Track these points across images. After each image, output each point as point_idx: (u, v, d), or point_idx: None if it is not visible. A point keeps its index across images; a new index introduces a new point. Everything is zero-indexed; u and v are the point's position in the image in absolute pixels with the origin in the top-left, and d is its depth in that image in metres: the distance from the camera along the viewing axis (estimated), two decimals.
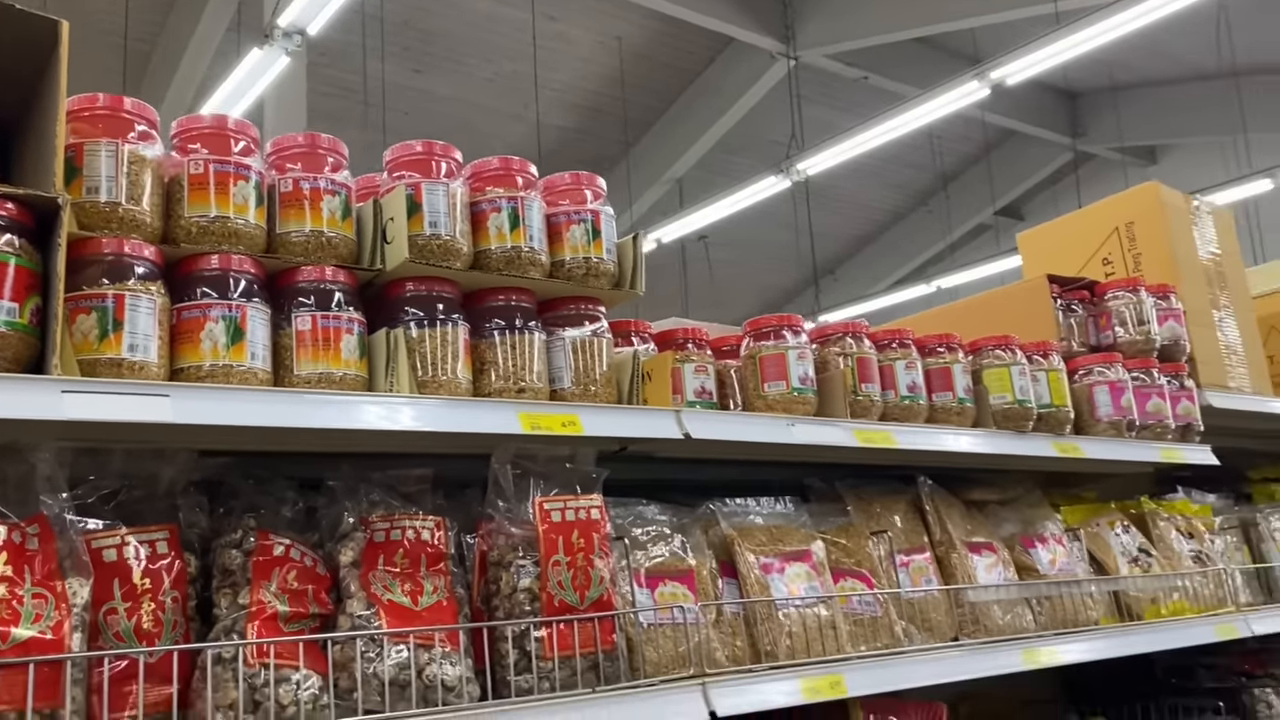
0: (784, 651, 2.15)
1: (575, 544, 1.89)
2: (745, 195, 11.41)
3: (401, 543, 1.84)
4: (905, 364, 2.58)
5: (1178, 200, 3.58)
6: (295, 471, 1.93)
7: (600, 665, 1.87)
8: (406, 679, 1.67)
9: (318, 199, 1.89)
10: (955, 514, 2.73)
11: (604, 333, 2.17)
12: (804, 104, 15.43)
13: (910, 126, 10.45)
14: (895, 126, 10.40)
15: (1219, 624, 3.06)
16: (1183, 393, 3.23)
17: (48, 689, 1.39)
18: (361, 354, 1.85)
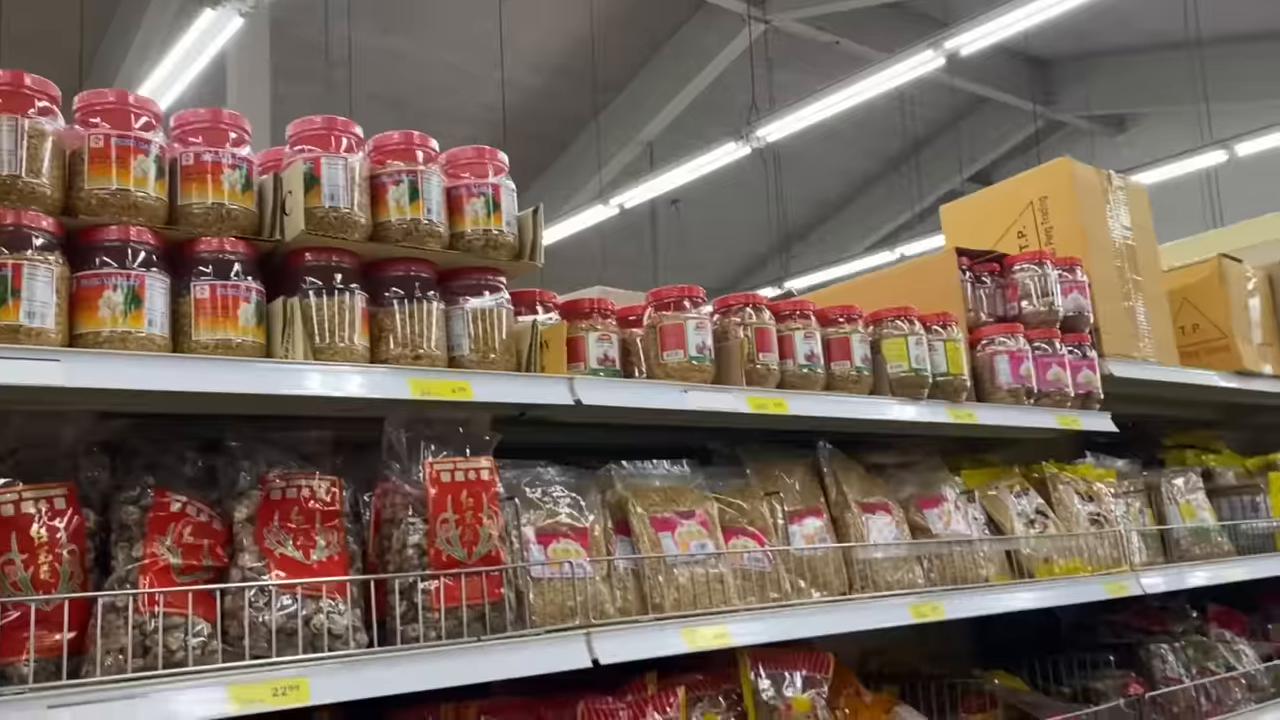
0: (670, 604, 2.28)
1: (464, 503, 2.00)
2: (705, 161, 11.45)
3: (297, 500, 1.94)
4: (804, 334, 2.69)
5: (1091, 177, 3.70)
6: (199, 433, 2.03)
7: (487, 616, 1.99)
8: (294, 627, 1.78)
9: (219, 172, 1.97)
10: (853, 477, 2.86)
11: (504, 302, 2.27)
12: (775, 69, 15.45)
13: (870, 93, 10.51)
14: (855, 93, 10.47)
15: (1109, 582, 3.22)
16: (1084, 362, 3.36)
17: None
18: (259, 321, 1.95)
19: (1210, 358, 4.04)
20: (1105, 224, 3.66)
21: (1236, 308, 4.07)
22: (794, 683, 2.46)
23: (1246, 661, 3.81)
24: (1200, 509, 3.87)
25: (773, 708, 2.41)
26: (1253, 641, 4.05)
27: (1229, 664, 3.74)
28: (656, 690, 2.30)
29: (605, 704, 2.19)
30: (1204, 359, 4.06)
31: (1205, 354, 4.06)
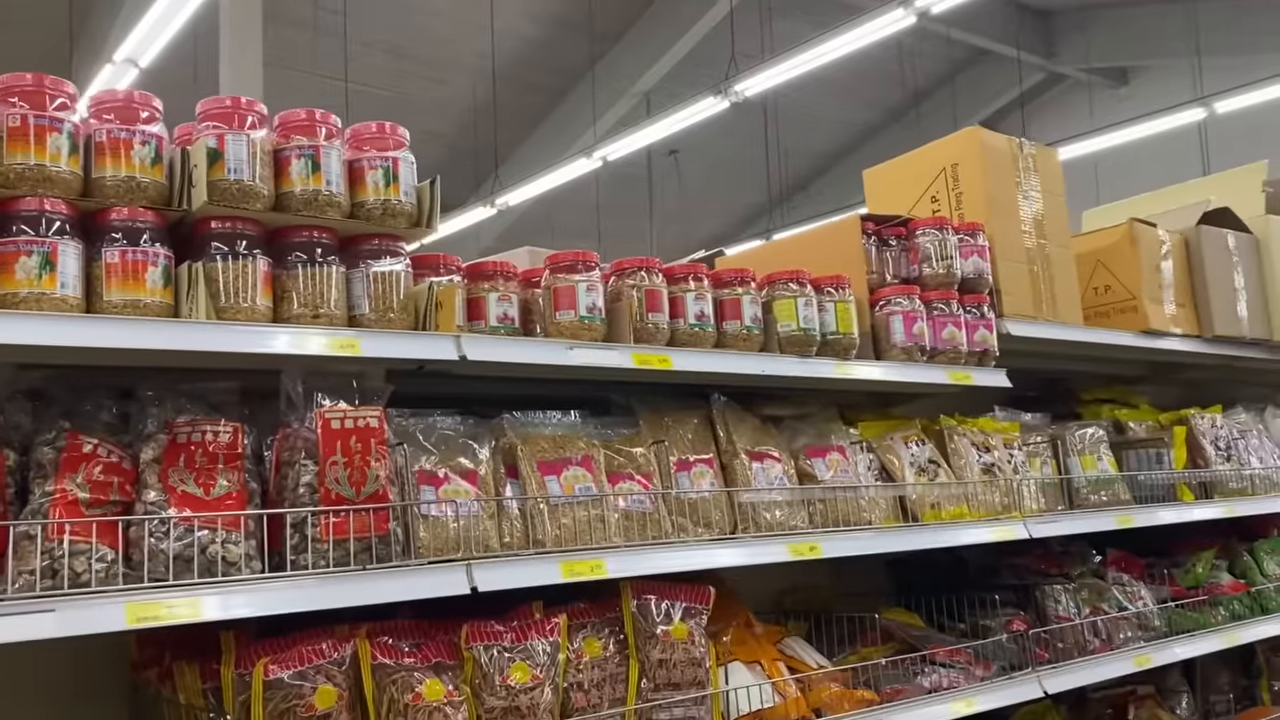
0: (552, 540, 2.53)
1: (352, 447, 2.24)
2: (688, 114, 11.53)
3: (202, 444, 2.19)
4: (695, 295, 2.91)
5: (1002, 145, 3.88)
6: (118, 383, 2.27)
7: (374, 548, 2.24)
8: (191, 555, 2.03)
9: (129, 148, 2.19)
10: (746, 428, 3.09)
11: (403, 266, 2.49)
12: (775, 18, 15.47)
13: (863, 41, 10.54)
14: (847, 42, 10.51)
15: (996, 528, 3.46)
16: (981, 321, 3.57)
17: None
18: (167, 284, 2.17)
19: (1120, 318, 4.25)
20: (1013, 190, 3.85)
21: (1147, 270, 4.26)
22: (672, 612, 2.71)
23: (1140, 604, 4.07)
24: (1101, 460, 4.09)
25: (650, 634, 2.66)
26: (1154, 585, 4.30)
27: (1121, 605, 3.99)
28: (542, 617, 2.55)
29: (489, 627, 2.44)
30: (1114, 319, 4.26)
31: (1115, 314, 4.26)
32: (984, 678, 3.37)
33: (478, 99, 17.70)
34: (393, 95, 17.45)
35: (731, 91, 11.19)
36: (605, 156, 12.77)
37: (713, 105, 11.35)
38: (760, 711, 2.83)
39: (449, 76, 17.57)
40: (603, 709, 2.56)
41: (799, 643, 3.21)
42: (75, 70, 11.56)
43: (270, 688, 2.10)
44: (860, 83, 19.30)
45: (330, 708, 2.16)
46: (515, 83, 18.35)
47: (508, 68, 17.48)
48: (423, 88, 17.62)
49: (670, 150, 20.18)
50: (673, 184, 20.99)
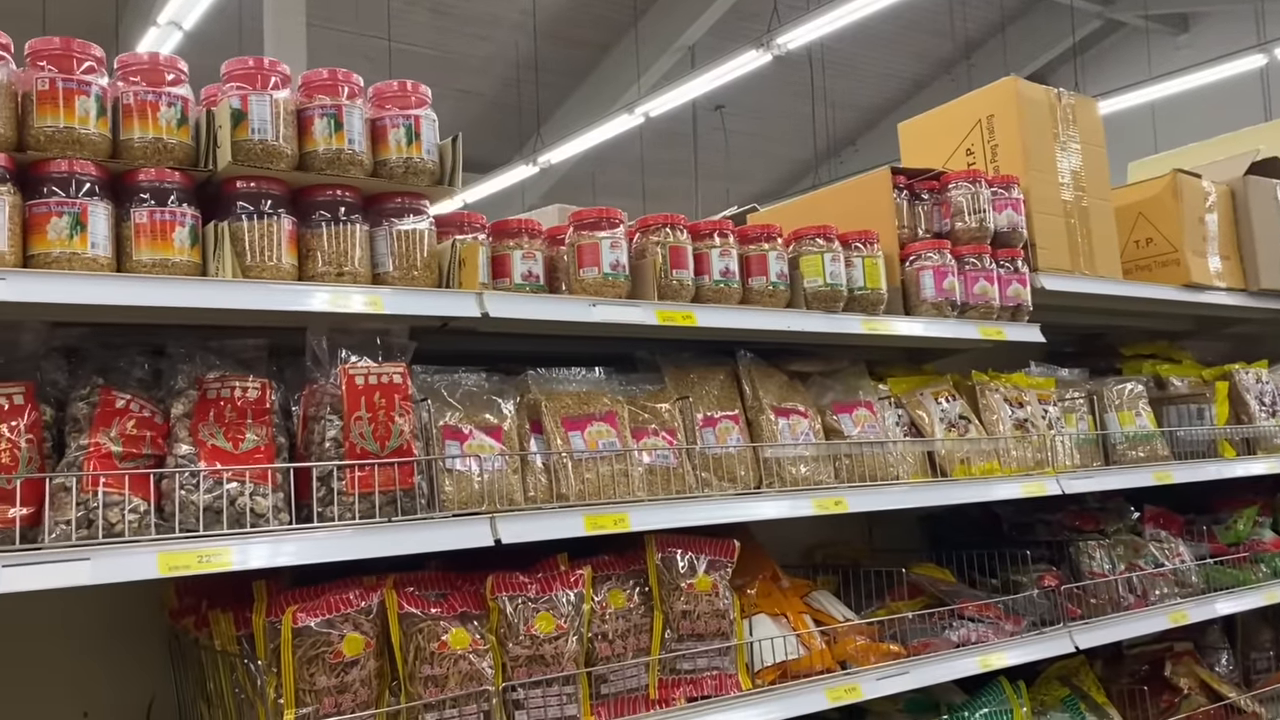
0: (575, 494, 2.56)
1: (376, 403, 2.29)
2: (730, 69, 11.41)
3: (231, 399, 2.24)
4: (720, 252, 2.91)
5: (1039, 95, 3.81)
6: (151, 341, 2.33)
7: (399, 501, 2.29)
8: (220, 506, 2.09)
9: (155, 110, 2.23)
10: (772, 384, 3.10)
11: (426, 224, 2.51)
12: None
13: None
14: None
15: (1027, 483, 3.44)
16: (1015, 276, 3.53)
17: None
18: (194, 243, 2.22)
19: (1161, 271, 4.17)
20: (1050, 142, 3.78)
21: (1190, 222, 4.17)
22: (697, 565, 2.74)
23: (1178, 560, 4.03)
24: (1140, 415, 4.05)
25: (674, 586, 2.70)
26: (1193, 542, 4.26)
27: (1157, 561, 3.96)
28: (567, 569, 2.59)
29: (515, 578, 2.49)
30: (1155, 272, 4.19)
31: (1157, 267, 4.19)
32: (1014, 633, 3.37)
33: (520, 56, 17.65)
34: (435, 53, 17.46)
35: (774, 44, 11.04)
36: (648, 112, 12.66)
37: (755, 59, 11.20)
38: (784, 663, 2.86)
39: (491, 33, 17.52)
40: (627, 659, 2.61)
41: (826, 596, 3.23)
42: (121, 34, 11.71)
43: (299, 635, 2.16)
44: (909, 33, 18.96)
45: (358, 654, 2.22)
46: (558, 39, 18.26)
47: (550, 23, 17.41)
48: (465, 45, 17.60)
49: (716, 105, 20.01)
50: (718, 140, 20.80)
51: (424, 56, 17.42)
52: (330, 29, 15.50)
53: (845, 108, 20.82)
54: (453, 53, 17.68)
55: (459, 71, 18.14)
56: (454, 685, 2.32)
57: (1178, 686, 4.09)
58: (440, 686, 2.31)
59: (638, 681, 2.62)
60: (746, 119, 20.66)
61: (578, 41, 18.27)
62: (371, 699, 2.27)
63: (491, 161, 18.49)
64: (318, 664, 2.17)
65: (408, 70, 17.75)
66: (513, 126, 18.47)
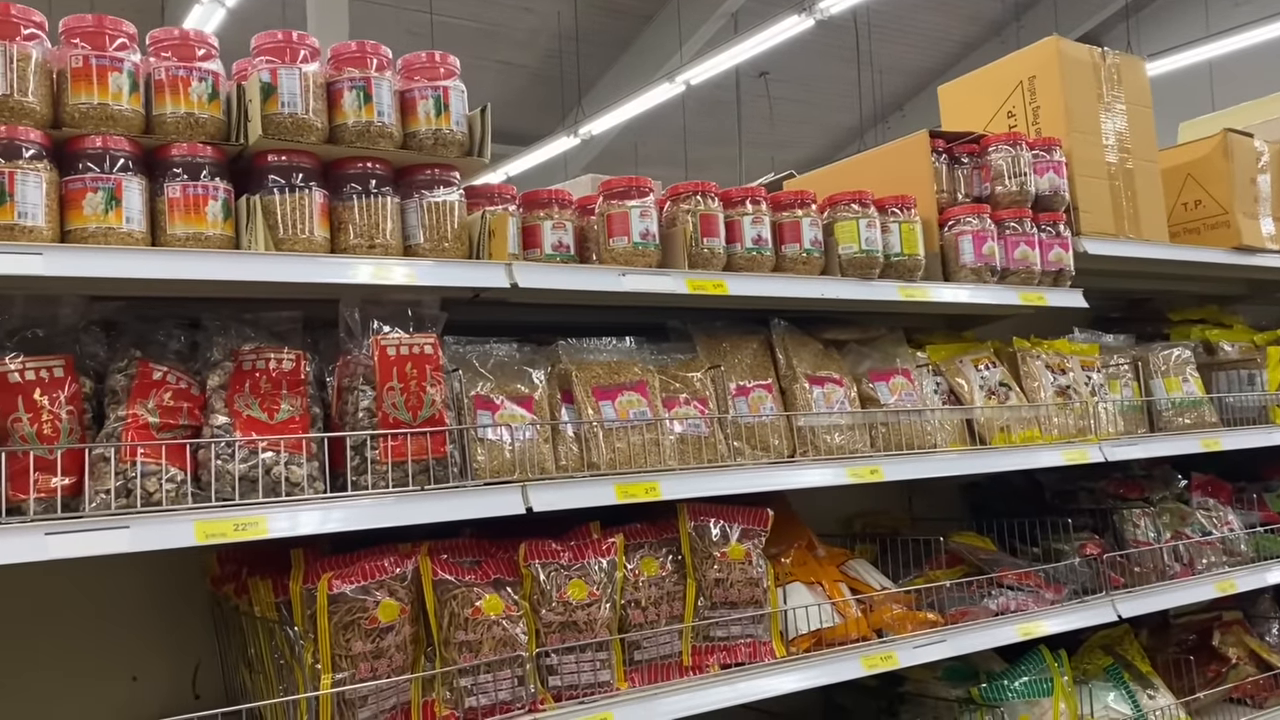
0: (606, 463, 2.57)
1: (408, 373, 2.31)
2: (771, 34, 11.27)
3: (266, 370, 2.27)
4: (752, 219, 2.89)
5: (1082, 55, 3.72)
6: (188, 313, 2.37)
7: (432, 470, 2.31)
8: (255, 476, 2.13)
9: (187, 85, 2.25)
10: (806, 352, 3.08)
11: (456, 195, 2.52)
12: None
13: None
14: None
15: (1069, 450, 3.39)
16: (1057, 240, 3.47)
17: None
18: (227, 216, 2.25)
19: (1211, 234, 4.08)
20: (1094, 103, 3.70)
21: (1241, 183, 4.07)
22: (729, 533, 2.74)
23: (1226, 529, 3.96)
24: (1187, 381, 3.97)
25: (707, 554, 2.70)
26: (1243, 510, 4.18)
27: (1204, 530, 3.90)
28: (600, 537, 2.61)
29: (547, 546, 2.51)
30: (1204, 235, 4.10)
31: (1206, 230, 4.09)
32: (1054, 601, 3.34)
33: (562, 27, 17.59)
34: (478, 26, 17.45)
35: (816, 9, 10.89)
36: (688, 80, 12.55)
37: (797, 24, 11.06)
38: (819, 631, 2.86)
39: (534, 4, 17.46)
40: (660, 626, 2.62)
41: (863, 564, 3.22)
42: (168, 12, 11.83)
43: (335, 601, 2.20)
44: None
45: (393, 620, 2.26)
46: (600, 8, 18.16)
47: None
48: (508, 17, 17.56)
49: (760, 73, 19.81)
50: (763, 108, 20.60)
51: (466, 29, 17.41)
52: (372, 3, 15.57)
53: (892, 72, 20.50)
54: (495, 25, 17.65)
55: (501, 44, 18.12)
56: (488, 651, 2.34)
57: (1226, 656, 4.03)
58: (474, 652, 2.34)
59: (671, 648, 2.64)
60: (792, 85, 20.43)
61: (620, 11, 18.16)
62: (407, 664, 2.31)
63: (535, 133, 18.49)
64: (354, 630, 2.21)
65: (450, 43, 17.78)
66: (555, 98, 18.44)
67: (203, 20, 10.19)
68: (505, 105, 20.95)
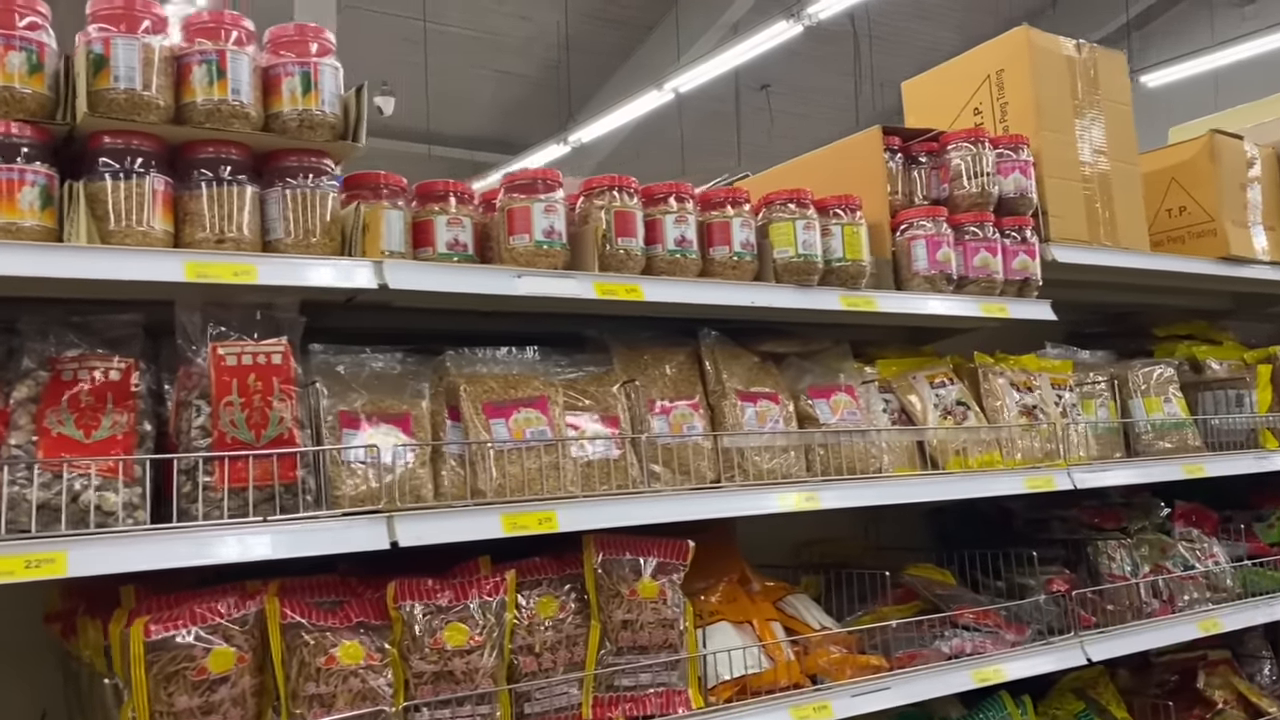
0: (494, 490, 2.28)
1: (251, 386, 2.02)
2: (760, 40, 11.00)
3: (89, 381, 1.99)
4: (675, 218, 2.60)
5: (1055, 46, 3.44)
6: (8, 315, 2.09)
7: (279, 497, 2.02)
8: (58, 504, 1.83)
9: (3, 56, 1.97)
10: (739, 366, 2.78)
11: (326, 185, 2.23)
12: None
13: None
14: None
15: (1032, 476, 3.09)
16: (1022, 247, 3.17)
17: None
18: (46, 205, 1.96)
19: (1196, 243, 3.78)
20: (1067, 99, 3.41)
21: (1229, 189, 3.77)
22: (642, 569, 2.44)
23: (1211, 562, 3.65)
24: (1169, 402, 3.67)
25: (615, 592, 2.40)
26: (1230, 541, 3.87)
27: (1187, 564, 3.59)
28: (489, 573, 2.31)
29: (422, 584, 2.21)
30: (1189, 244, 3.80)
31: (1191, 239, 3.79)
32: (1016, 642, 3.04)
33: (561, 36, 17.37)
34: (475, 34, 17.25)
35: (805, 15, 10.61)
36: (677, 88, 12.30)
37: (785, 30, 10.79)
38: (744, 678, 2.55)
39: (532, 13, 17.25)
40: (557, 674, 2.32)
41: (803, 601, 2.92)
42: None
43: (155, 648, 1.90)
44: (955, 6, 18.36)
45: (227, 670, 1.96)
46: (599, 18, 17.94)
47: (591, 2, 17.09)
48: (507, 25, 17.35)
49: (762, 85, 19.59)
50: (763, 120, 20.35)
51: (464, 37, 17.20)
52: (365, 10, 15.35)
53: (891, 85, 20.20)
54: (493, 33, 17.45)
55: (500, 52, 17.92)
56: (343, 705, 2.05)
57: (1211, 700, 3.72)
58: (327, 706, 2.04)
59: (569, 700, 2.34)
60: (792, 98, 20.19)
61: (619, 21, 17.96)
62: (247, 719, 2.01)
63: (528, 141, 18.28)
64: (178, 681, 1.91)
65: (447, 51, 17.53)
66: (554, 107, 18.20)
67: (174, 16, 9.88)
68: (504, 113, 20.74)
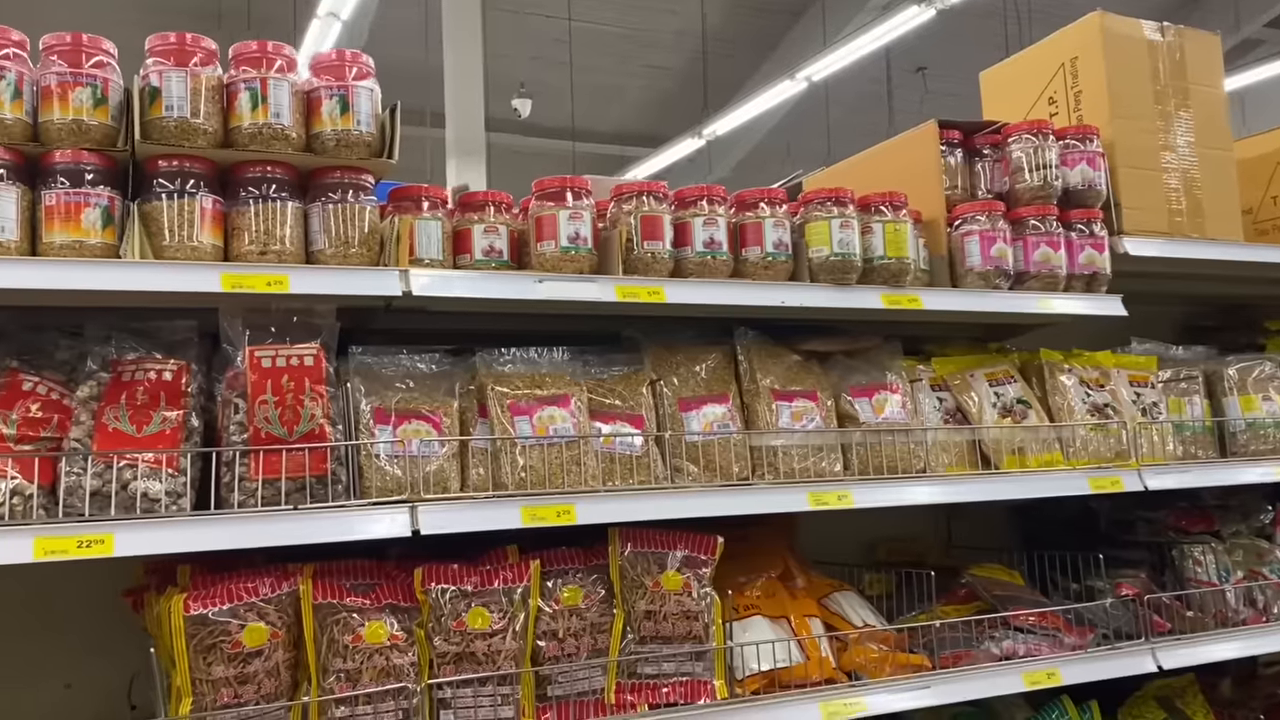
0: (516, 483, 2.40)
1: (284, 386, 2.21)
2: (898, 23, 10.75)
3: (144, 382, 2.22)
4: (703, 221, 2.66)
5: (1133, 31, 3.30)
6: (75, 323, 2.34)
7: (310, 488, 2.20)
8: (109, 491, 2.06)
9: (69, 91, 2.22)
10: (777, 365, 2.82)
11: (364, 199, 2.40)
12: None
13: None
14: None
15: (1098, 477, 3.00)
16: (1089, 240, 3.08)
17: None
18: (106, 224, 2.20)
19: None
20: (1145, 85, 3.27)
21: None
22: (667, 562, 2.52)
23: None
24: (1271, 399, 3.47)
25: (638, 583, 2.50)
26: None
27: None
28: (516, 561, 2.44)
29: (449, 570, 2.36)
30: None
31: None
32: (1077, 646, 2.96)
33: (709, 28, 17.40)
34: (620, 30, 17.48)
35: None
36: (810, 76, 12.17)
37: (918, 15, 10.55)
38: (774, 671, 2.60)
39: (678, 6, 17.35)
40: (579, 659, 2.44)
41: (849, 598, 2.93)
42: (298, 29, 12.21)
43: (194, 623, 2.11)
44: None
45: (261, 645, 2.16)
46: (747, 6, 17.87)
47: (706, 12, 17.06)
48: (652, 20, 17.51)
49: (918, 68, 19.12)
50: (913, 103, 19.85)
51: (609, 34, 17.46)
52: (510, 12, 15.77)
53: None
54: (638, 29, 17.65)
55: (646, 47, 18.10)
56: (367, 681, 2.22)
57: None
58: (353, 682, 2.21)
59: (591, 685, 2.45)
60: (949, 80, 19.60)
61: (766, 10, 17.86)
62: (280, 690, 2.20)
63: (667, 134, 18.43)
64: (215, 653, 2.12)
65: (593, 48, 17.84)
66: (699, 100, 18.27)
67: (319, 36, 10.49)
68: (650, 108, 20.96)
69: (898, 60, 17.91)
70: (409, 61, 14.89)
